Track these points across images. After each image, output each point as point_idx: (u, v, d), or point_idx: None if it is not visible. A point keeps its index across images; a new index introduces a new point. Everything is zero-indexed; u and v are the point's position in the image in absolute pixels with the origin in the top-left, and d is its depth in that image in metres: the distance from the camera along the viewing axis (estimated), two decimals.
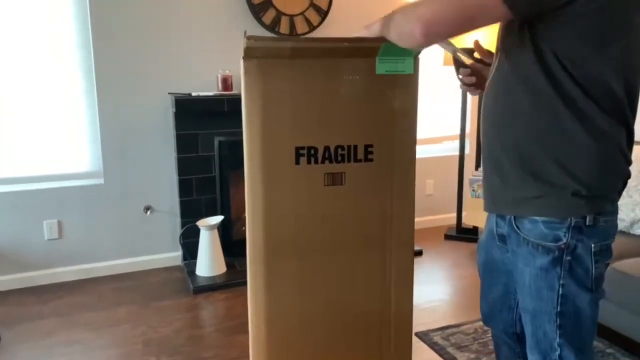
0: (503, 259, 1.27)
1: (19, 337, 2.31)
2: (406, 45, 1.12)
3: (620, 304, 2.00)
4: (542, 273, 1.12)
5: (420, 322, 2.45)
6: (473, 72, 1.37)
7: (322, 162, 1.23)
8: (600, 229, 1.11)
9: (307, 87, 1.19)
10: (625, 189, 1.76)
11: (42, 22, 2.76)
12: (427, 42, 1.06)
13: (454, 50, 1.32)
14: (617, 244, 1.21)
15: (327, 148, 1.23)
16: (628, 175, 1.15)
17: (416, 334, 2.33)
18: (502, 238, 1.24)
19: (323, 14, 3.22)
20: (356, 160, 1.27)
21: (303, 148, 1.20)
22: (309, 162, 1.22)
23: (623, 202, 2.28)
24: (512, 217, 1.16)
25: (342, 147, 1.24)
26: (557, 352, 1.16)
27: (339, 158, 1.24)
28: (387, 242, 1.40)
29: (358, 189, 1.29)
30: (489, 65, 1.27)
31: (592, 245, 1.10)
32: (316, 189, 1.24)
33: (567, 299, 1.12)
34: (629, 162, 1.14)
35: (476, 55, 1.36)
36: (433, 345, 2.25)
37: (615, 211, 1.15)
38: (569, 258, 1.10)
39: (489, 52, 1.35)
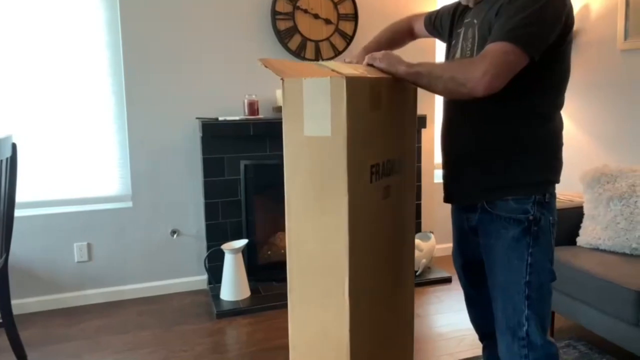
0: (480, 256, 1.40)
1: (45, 358, 2.34)
2: (453, 96, 1.31)
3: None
4: (513, 243, 1.29)
5: (447, 352, 2.35)
6: None
7: (381, 177, 1.26)
8: (552, 205, 1.34)
9: (371, 104, 1.20)
10: None
11: (75, 48, 2.88)
12: (484, 96, 1.19)
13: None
14: None
15: (383, 163, 1.27)
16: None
17: None
18: (474, 230, 1.39)
19: (348, 39, 3.25)
20: (394, 173, 1.33)
21: (375, 165, 1.23)
22: (377, 178, 1.24)
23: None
24: (484, 202, 1.34)
25: (390, 161, 1.31)
26: (525, 327, 1.29)
27: (387, 172, 1.30)
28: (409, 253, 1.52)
29: (395, 201, 1.35)
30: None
31: (550, 219, 1.32)
32: (379, 204, 1.27)
33: (534, 269, 1.28)
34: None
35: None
36: None
37: (556, 194, 1.39)
38: (535, 228, 1.29)
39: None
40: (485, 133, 1.33)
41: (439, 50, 3.54)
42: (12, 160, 2.07)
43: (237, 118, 2.98)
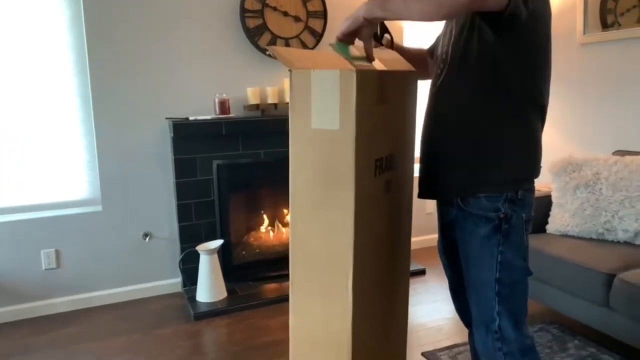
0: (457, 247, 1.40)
1: None
2: (431, 15, 1.13)
3: (629, 316, 1.96)
4: (485, 241, 1.29)
5: (427, 341, 2.40)
6: None
7: (384, 171, 1.27)
8: (527, 202, 1.31)
9: (377, 98, 1.20)
10: (629, 199, 2.03)
11: (37, 49, 2.78)
12: (469, 7, 1.11)
13: (350, 59, 1.33)
14: (621, 254, 1.38)
15: (386, 157, 1.28)
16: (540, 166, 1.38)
17: (423, 354, 2.28)
18: (451, 225, 1.40)
19: (318, 36, 3.26)
20: (394, 167, 1.34)
21: (379, 159, 1.23)
22: (380, 172, 1.25)
23: (626, 213, 2.27)
24: (459, 199, 1.33)
25: (392, 156, 1.31)
26: (497, 322, 1.30)
27: (389, 166, 1.31)
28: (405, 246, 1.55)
29: (395, 195, 1.38)
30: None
31: (523, 216, 1.30)
32: (381, 198, 1.28)
33: (504, 267, 1.28)
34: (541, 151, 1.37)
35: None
36: None
37: (533, 189, 1.36)
38: (506, 226, 1.28)
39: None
40: (457, 129, 1.31)
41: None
42: None
43: (208, 117, 2.94)
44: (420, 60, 1.57)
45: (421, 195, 1.43)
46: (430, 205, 3.83)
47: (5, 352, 2.41)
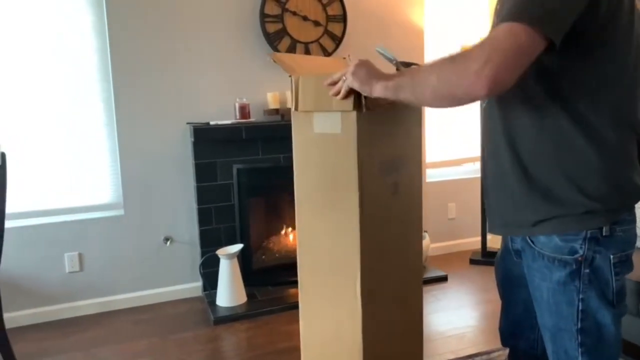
0: (522, 274, 1.22)
1: None
2: (448, 103, 1.03)
3: None
4: (560, 287, 1.08)
5: (449, 349, 2.35)
6: None
7: (390, 174, 1.26)
8: (619, 239, 1.07)
9: (379, 103, 1.21)
10: None
11: (63, 56, 2.83)
12: (490, 95, 0.96)
13: (396, 61, 1.33)
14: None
15: (392, 160, 1.27)
16: None
17: None
18: (518, 253, 1.21)
19: (337, 40, 3.24)
20: (402, 170, 1.34)
21: (384, 162, 1.23)
22: (386, 175, 1.24)
23: None
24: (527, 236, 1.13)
25: (399, 158, 1.30)
26: None
27: (396, 168, 1.30)
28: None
29: (404, 198, 1.36)
30: None
31: (611, 257, 1.07)
32: (389, 200, 1.27)
33: (587, 315, 1.08)
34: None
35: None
36: None
37: (633, 220, 1.11)
38: (587, 271, 1.06)
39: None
40: (513, 150, 1.09)
41: (429, 49, 3.56)
42: (1, 170, 2.01)
43: (228, 122, 2.95)
44: None
45: (489, 228, 1.26)
46: (452, 210, 3.77)
47: (28, 355, 2.45)
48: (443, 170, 3.77)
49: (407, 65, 1.29)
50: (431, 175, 3.72)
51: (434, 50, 3.58)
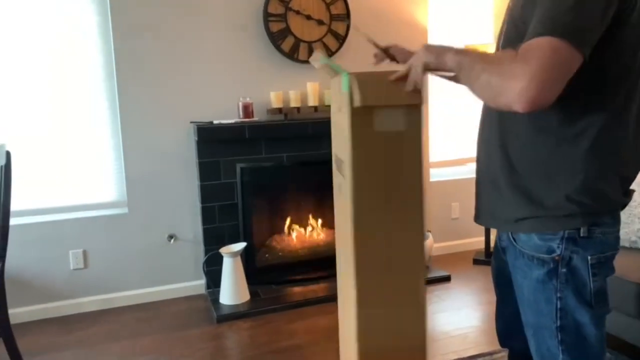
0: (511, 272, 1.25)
1: None
2: (488, 103, 1.03)
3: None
4: (539, 285, 1.11)
5: (452, 349, 2.35)
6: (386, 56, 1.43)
7: None
8: (597, 240, 1.07)
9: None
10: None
11: (68, 55, 2.85)
12: (532, 111, 0.92)
13: (370, 38, 1.40)
14: None
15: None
16: (629, 191, 1.13)
17: None
18: (504, 251, 1.24)
19: (341, 39, 3.24)
20: None
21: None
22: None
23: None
24: (509, 232, 1.17)
25: None
26: None
27: None
28: None
29: None
30: (392, 58, 1.40)
31: (589, 257, 1.07)
32: None
33: (566, 313, 1.10)
34: (631, 175, 1.11)
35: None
36: None
37: (615, 223, 1.11)
38: (564, 270, 1.08)
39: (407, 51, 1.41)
40: (504, 150, 1.12)
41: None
42: (7, 169, 2.03)
43: (231, 121, 2.96)
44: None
45: (474, 217, 1.30)
46: (456, 210, 3.77)
47: (33, 350, 2.47)
48: (446, 169, 3.76)
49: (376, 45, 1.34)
50: (435, 174, 3.72)
51: None
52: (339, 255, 1.56)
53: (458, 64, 1.02)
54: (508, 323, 1.34)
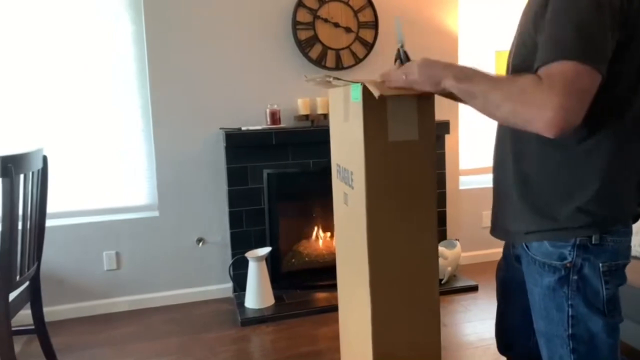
0: (523, 281, 1.23)
1: None
2: (523, 129, 0.99)
3: None
4: (550, 292, 1.11)
5: None
6: None
7: None
8: (609, 248, 1.07)
9: None
10: None
11: (104, 64, 2.97)
12: (561, 136, 0.92)
13: (402, 45, 1.31)
14: None
15: None
16: None
17: None
18: (518, 259, 1.24)
19: (369, 47, 3.25)
20: None
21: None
22: None
23: None
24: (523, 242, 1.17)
25: None
26: None
27: None
28: None
29: None
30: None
31: (600, 265, 1.07)
32: None
33: (578, 321, 1.09)
34: None
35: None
36: None
37: (628, 232, 1.10)
38: (575, 277, 1.08)
39: None
40: (517, 164, 1.12)
41: (462, 52, 3.51)
42: (43, 172, 2.14)
43: (259, 128, 3.02)
44: None
45: (495, 234, 1.28)
46: (486, 219, 3.69)
47: (66, 347, 2.58)
48: (477, 177, 3.70)
49: (407, 58, 1.26)
50: (465, 182, 3.66)
51: (468, 55, 3.53)
52: (340, 265, 1.56)
53: (465, 93, 1.01)
54: (509, 331, 1.35)
